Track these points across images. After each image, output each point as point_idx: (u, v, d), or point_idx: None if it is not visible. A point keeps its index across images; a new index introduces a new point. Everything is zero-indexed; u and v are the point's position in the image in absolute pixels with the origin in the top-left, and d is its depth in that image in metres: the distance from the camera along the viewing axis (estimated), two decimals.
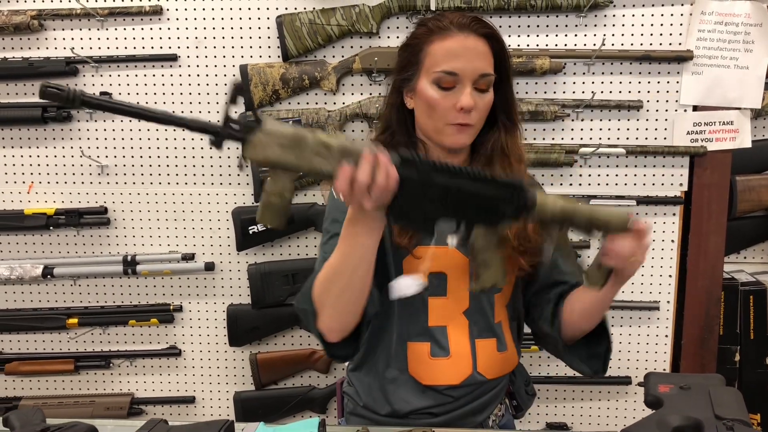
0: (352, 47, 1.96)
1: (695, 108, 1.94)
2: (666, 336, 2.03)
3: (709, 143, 1.94)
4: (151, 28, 1.97)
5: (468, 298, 1.27)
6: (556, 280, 1.30)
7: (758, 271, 2.13)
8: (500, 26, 1.93)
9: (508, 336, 1.33)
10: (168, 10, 1.96)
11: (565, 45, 1.93)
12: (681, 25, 1.89)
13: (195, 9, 1.95)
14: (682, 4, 1.89)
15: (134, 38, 1.97)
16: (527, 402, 1.43)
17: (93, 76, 1.99)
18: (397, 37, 1.94)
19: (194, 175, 2.03)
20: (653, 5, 1.90)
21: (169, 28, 1.97)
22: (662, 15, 1.89)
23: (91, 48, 1.97)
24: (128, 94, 1.99)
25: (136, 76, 1.99)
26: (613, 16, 1.90)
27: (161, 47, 1.97)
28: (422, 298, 1.24)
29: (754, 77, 1.92)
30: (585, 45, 1.91)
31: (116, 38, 1.97)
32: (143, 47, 1.97)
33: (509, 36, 1.93)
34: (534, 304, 1.34)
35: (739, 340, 2.04)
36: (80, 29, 1.97)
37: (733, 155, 1.98)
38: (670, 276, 2.01)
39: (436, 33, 1.21)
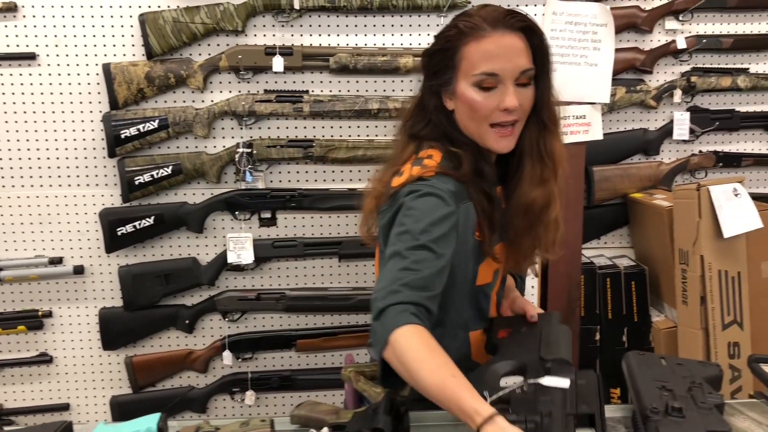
0: (218, 45, 1.95)
1: None
2: None
3: (565, 137, 2.05)
4: (6, 26, 1.89)
5: (499, 281, 1.31)
6: None
7: (616, 255, 2.28)
8: (364, 25, 1.99)
9: None
10: (24, 6, 1.89)
11: (428, 44, 1.99)
12: None
13: (53, 6, 1.90)
14: (536, 5, 2.00)
15: None
16: None
17: None
18: (264, 35, 1.95)
19: (59, 176, 1.97)
20: (508, 5, 1.98)
21: (25, 26, 1.90)
22: None
23: None
24: None
25: None
26: None
27: (18, 45, 1.90)
28: (488, 296, 1.27)
29: (603, 74, 2.05)
30: None
31: None
32: None
33: (374, 35, 1.98)
34: None
35: (599, 320, 2.19)
36: None
37: (588, 147, 2.10)
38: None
39: (468, 34, 1.17)
